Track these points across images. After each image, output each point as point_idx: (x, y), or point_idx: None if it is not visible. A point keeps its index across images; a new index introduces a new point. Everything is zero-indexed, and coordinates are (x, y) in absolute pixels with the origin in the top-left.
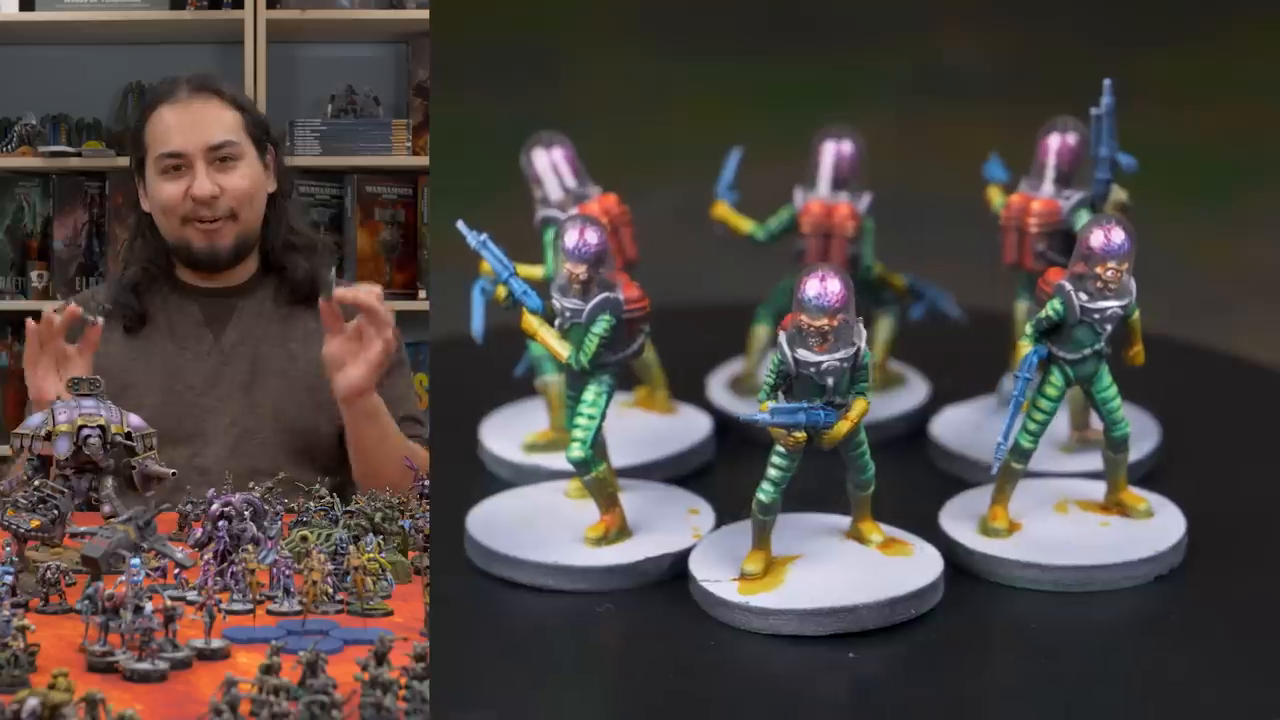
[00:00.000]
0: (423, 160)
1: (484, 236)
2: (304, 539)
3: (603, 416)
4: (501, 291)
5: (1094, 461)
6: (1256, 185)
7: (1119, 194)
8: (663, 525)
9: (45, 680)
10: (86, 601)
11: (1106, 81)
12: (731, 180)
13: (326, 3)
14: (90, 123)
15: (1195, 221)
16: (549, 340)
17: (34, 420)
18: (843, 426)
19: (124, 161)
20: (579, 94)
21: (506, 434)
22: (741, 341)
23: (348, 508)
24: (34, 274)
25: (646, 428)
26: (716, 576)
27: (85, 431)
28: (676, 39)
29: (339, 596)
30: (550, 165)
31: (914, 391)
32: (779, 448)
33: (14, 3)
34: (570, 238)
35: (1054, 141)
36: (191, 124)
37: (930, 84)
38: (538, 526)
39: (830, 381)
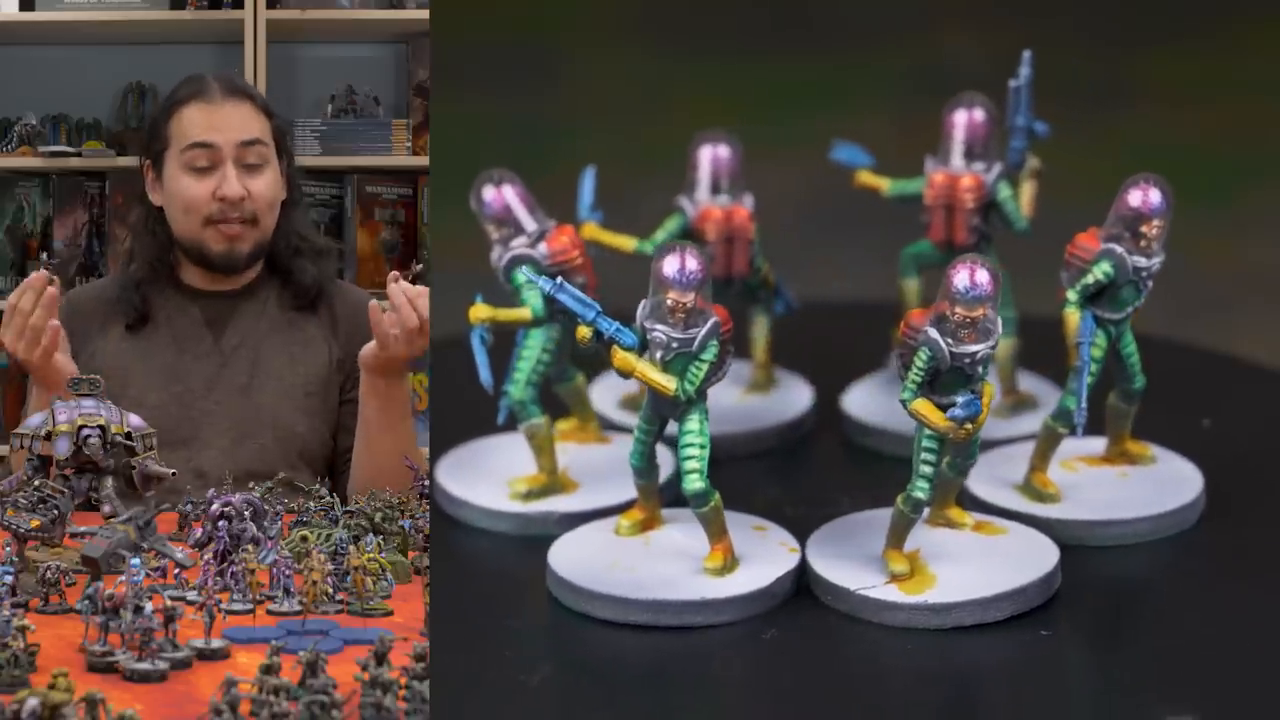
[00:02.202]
0: (423, 160)
1: (559, 280)
2: (304, 539)
3: (710, 444)
4: (585, 332)
5: (1031, 423)
6: (1256, 185)
7: (1032, 161)
8: (750, 547)
9: (45, 680)
10: (86, 601)
11: (1026, 54)
12: (592, 200)
13: (326, 3)
14: (90, 123)
15: (1195, 221)
16: (650, 374)
17: (34, 420)
18: (984, 414)
19: (124, 161)
20: (579, 94)
21: (482, 485)
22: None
23: (348, 508)
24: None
25: (596, 460)
26: (868, 583)
27: (85, 431)
28: (676, 39)
29: (339, 596)
30: (505, 204)
31: (794, 386)
32: (928, 443)
33: (14, 3)
34: (671, 265)
35: (961, 118)
36: (224, 121)
37: (930, 84)
38: (636, 567)
39: (980, 370)
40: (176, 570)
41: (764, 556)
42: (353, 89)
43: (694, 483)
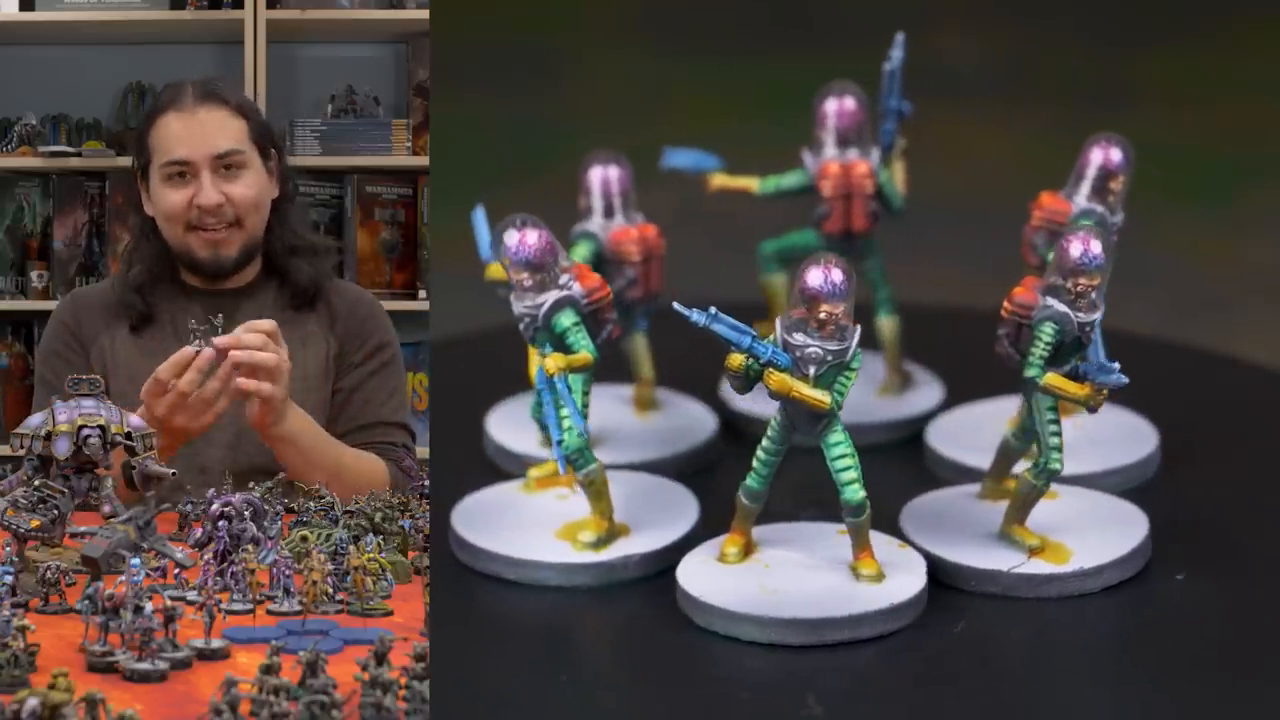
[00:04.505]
0: (423, 160)
1: (712, 310)
2: (304, 539)
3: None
4: (738, 360)
5: (919, 400)
6: (1256, 185)
7: (900, 141)
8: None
9: (45, 680)
10: (86, 601)
11: (899, 36)
12: (490, 239)
13: (326, 3)
14: (90, 123)
15: (1195, 221)
16: (806, 392)
17: (34, 420)
18: None
19: (124, 161)
20: (579, 94)
21: (534, 541)
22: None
23: (348, 508)
24: (34, 274)
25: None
26: (1011, 563)
27: (85, 431)
28: (676, 39)
29: (339, 596)
30: (538, 250)
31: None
32: (1051, 415)
33: (14, 3)
34: (818, 278)
35: (832, 106)
36: (198, 132)
37: (930, 84)
38: (788, 589)
39: (1094, 339)
40: (176, 570)
41: (887, 557)
42: (353, 89)
43: (856, 493)
